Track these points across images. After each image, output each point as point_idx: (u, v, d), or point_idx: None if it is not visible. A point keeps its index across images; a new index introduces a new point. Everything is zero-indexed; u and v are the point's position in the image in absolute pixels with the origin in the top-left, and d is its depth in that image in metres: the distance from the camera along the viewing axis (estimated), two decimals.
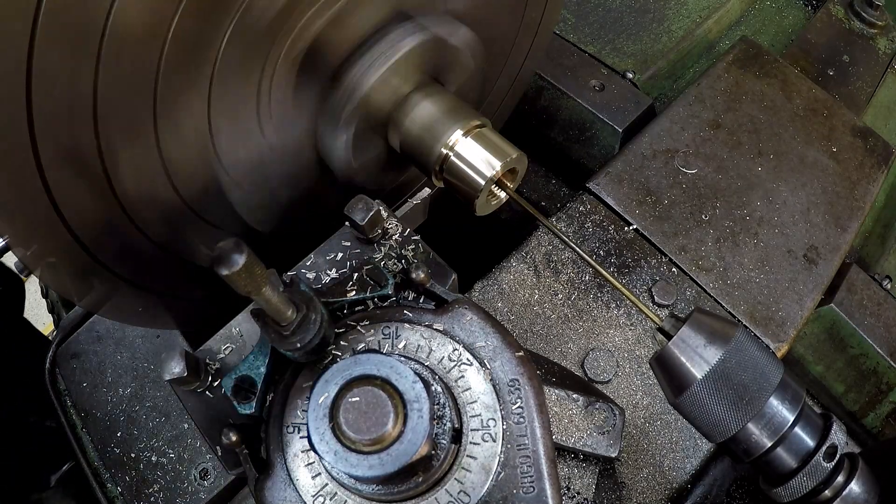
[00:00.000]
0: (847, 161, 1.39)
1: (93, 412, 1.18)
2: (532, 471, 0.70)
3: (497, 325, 0.77)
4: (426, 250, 0.88)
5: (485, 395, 0.73)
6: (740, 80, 1.46)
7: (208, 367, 0.83)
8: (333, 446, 0.61)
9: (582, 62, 1.53)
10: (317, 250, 0.88)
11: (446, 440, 0.69)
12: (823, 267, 1.26)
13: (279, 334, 0.66)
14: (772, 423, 0.77)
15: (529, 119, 1.54)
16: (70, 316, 1.27)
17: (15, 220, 0.72)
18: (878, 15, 1.84)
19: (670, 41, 1.64)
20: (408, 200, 1.20)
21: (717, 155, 1.35)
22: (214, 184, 0.91)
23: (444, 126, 0.94)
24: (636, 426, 1.10)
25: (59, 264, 0.81)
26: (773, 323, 1.19)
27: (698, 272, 1.22)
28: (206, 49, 0.76)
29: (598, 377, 1.13)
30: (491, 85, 1.26)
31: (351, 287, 0.80)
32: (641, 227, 1.26)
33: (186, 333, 1.21)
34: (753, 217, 1.29)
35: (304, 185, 1.03)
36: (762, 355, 0.77)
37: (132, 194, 0.82)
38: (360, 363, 0.64)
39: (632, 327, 1.17)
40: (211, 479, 1.09)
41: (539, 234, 1.26)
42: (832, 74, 1.71)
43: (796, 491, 0.79)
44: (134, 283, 0.93)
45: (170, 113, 0.78)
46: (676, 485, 1.07)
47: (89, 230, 0.80)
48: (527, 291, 1.20)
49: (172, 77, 0.74)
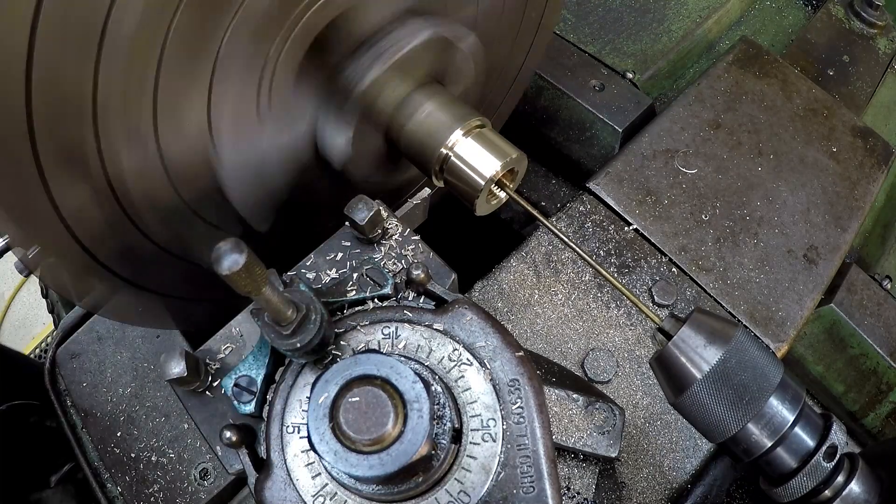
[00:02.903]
0: (847, 161, 1.39)
1: (93, 412, 1.18)
2: (532, 471, 0.70)
3: (497, 325, 0.77)
4: (426, 250, 0.88)
5: (485, 395, 0.73)
6: (740, 80, 1.46)
7: (208, 367, 0.83)
8: (333, 446, 0.61)
9: (582, 62, 1.53)
10: (317, 250, 0.88)
11: (446, 440, 0.69)
12: (823, 267, 1.26)
13: (279, 334, 0.66)
14: (772, 423, 0.77)
15: (529, 119, 1.54)
16: (70, 316, 1.27)
17: (15, 220, 0.72)
18: (878, 15, 1.84)
19: (670, 41, 1.64)
20: (408, 200, 1.20)
21: (717, 155, 1.35)
22: (215, 184, 0.91)
23: (444, 126, 0.94)
24: (636, 426, 1.10)
25: (59, 264, 0.81)
26: (773, 323, 1.19)
27: (698, 272, 1.22)
28: (206, 46, 0.76)
29: (598, 377, 1.13)
30: (491, 85, 1.26)
31: (351, 287, 0.80)
32: (641, 227, 1.26)
33: (186, 333, 1.21)
34: (753, 217, 1.29)
35: (305, 184, 1.03)
36: (762, 355, 0.77)
37: (132, 194, 0.82)
38: (360, 363, 0.64)
39: (632, 327, 1.17)
40: (211, 479, 1.09)
41: (539, 234, 1.26)
42: (832, 74, 1.71)
43: (796, 491, 0.79)
44: (134, 283, 0.93)
45: (170, 112, 0.78)
46: (676, 485, 1.07)
47: (89, 230, 0.80)
48: (527, 291, 1.20)
49: (173, 76, 0.74)
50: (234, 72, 0.80)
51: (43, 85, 0.64)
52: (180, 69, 0.75)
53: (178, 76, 0.75)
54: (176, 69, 0.74)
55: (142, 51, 0.71)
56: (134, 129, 0.76)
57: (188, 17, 0.71)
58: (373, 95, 0.92)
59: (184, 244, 0.96)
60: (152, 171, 0.82)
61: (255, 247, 0.59)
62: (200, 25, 0.73)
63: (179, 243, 0.95)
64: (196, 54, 0.76)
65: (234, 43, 0.77)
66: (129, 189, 0.81)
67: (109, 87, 0.70)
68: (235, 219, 0.99)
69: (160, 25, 0.70)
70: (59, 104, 0.67)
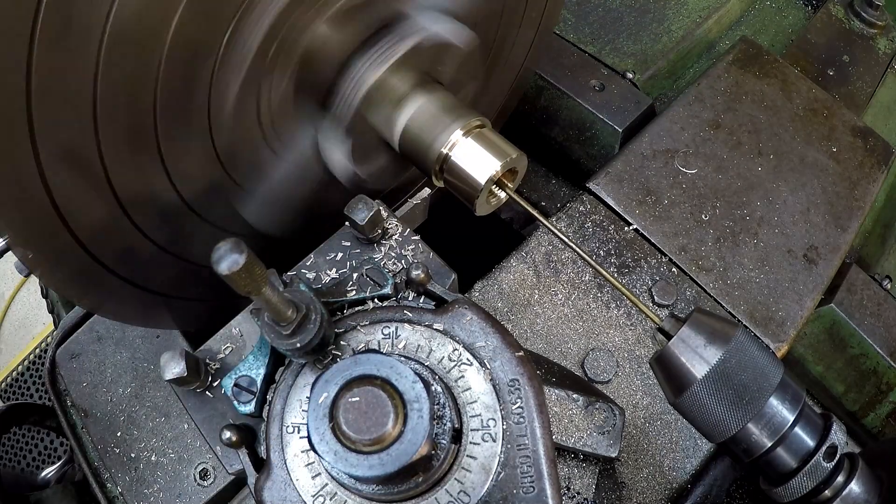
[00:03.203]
0: (847, 161, 1.39)
1: (93, 412, 1.18)
2: (532, 471, 0.70)
3: (497, 325, 0.77)
4: (426, 250, 0.88)
5: (485, 395, 0.73)
6: (740, 80, 1.46)
7: (208, 367, 0.83)
8: (333, 446, 0.61)
9: (582, 62, 1.53)
10: (317, 250, 0.88)
11: (446, 440, 0.69)
12: (823, 267, 1.26)
13: (279, 334, 0.66)
14: (772, 423, 0.77)
15: (529, 119, 1.54)
16: (70, 316, 1.27)
17: (15, 220, 0.72)
18: (878, 15, 1.84)
19: (670, 41, 1.64)
20: (408, 200, 1.20)
21: (717, 155, 1.35)
22: (215, 184, 0.91)
23: (443, 126, 0.94)
24: (636, 426, 1.10)
25: (59, 264, 0.81)
26: (773, 323, 1.19)
27: (698, 272, 1.22)
28: (206, 49, 0.76)
29: (598, 377, 1.13)
30: (491, 85, 1.26)
31: (351, 287, 0.80)
32: (641, 227, 1.26)
33: (186, 333, 1.21)
34: (753, 217, 1.29)
35: (306, 183, 1.03)
36: (762, 355, 0.77)
37: (132, 194, 0.82)
38: (360, 363, 0.64)
39: (632, 327, 1.17)
40: (211, 479, 1.09)
41: (539, 234, 1.26)
42: (832, 74, 1.71)
43: (796, 491, 0.79)
44: (134, 283, 0.93)
45: (170, 113, 0.78)
46: (676, 485, 1.07)
47: (89, 230, 0.80)
48: (527, 291, 1.20)
49: (173, 77, 0.74)
50: (233, 76, 0.80)
51: (43, 85, 0.64)
52: (180, 73, 0.75)
53: (178, 79, 0.75)
54: (175, 73, 0.74)
55: (142, 53, 0.71)
56: (134, 129, 0.76)
57: (187, 23, 0.71)
58: (370, 97, 0.92)
59: (184, 244, 0.96)
60: (152, 172, 0.82)
61: (255, 247, 0.59)
62: (199, 31, 0.73)
63: (179, 243, 0.96)
64: (195, 59, 0.76)
65: (232, 48, 0.78)
66: (128, 189, 0.81)
67: (110, 87, 0.70)
68: (236, 219, 0.99)
69: (160, 29, 0.70)
70: (60, 104, 0.67)
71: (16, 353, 3.40)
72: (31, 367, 3.22)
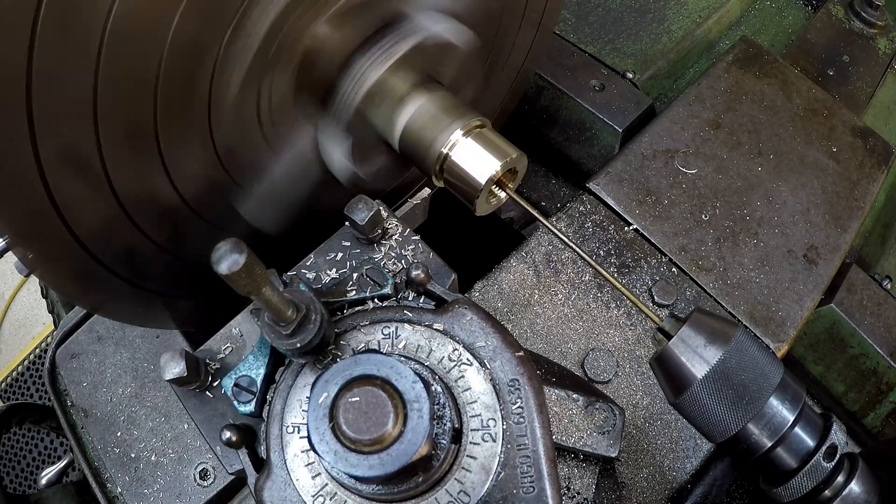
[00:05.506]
0: (847, 161, 1.39)
1: (93, 412, 1.18)
2: (532, 471, 0.70)
3: (497, 325, 0.77)
4: (426, 250, 0.88)
5: (485, 395, 0.73)
6: (740, 80, 1.46)
7: (208, 367, 0.83)
8: (333, 446, 0.61)
9: (582, 62, 1.53)
10: (317, 250, 0.88)
11: (446, 440, 0.69)
12: (823, 267, 1.26)
13: (279, 334, 0.66)
14: (772, 423, 0.77)
15: (529, 119, 1.54)
16: (70, 316, 1.27)
17: (15, 220, 0.72)
18: (878, 15, 1.84)
19: (670, 41, 1.64)
20: (408, 200, 1.20)
21: (717, 155, 1.35)
22: (215, 183, 0.91)
23: (443, 126, 0.94)
24: (636, 426, 1.10)
25: (59, 264, 0.81)
26: (773, 323, 1.19)
27: (698, 272, 1.22)
28: (206, 48, 0.76)
29: (598, 377, 1.13)
30: (491, 85, 1.26)
31: (351, 287, 0.80)
32: (641, 227, 1.26)
33: (186, 333, 1.21)
34: (753, 217, 1.29)
35: (306, 183, 1.03)
36: (762, 355, 0.77)
37: (132, 194, 0.82)
38: (360, 363, 0.64)
39: (632, 327, 1.17)
40: (211, 479, 1.09)
41: (539, 234, 1.26)
42: (832, 74, 1.71)
43: (796, 491, 0.79)
44: (134, 283, 0.93)
45: (170, 112, 0.78)
46: (676, 485, 1.07)
47: (89, 230, 0.80)
48: (527, 291, 1.20)
49: (173, 77, 0.74)
50: (233, 76, 0.80)
51: (43, 85, 0.64)
52: (180, 72, 0.75)
53: (178, 79, 0.75)
54: (175, 72, 0.74)
55: (142, 53, 0.71)
56: (134, 129, 0.76)
57: (187, 23, 0.71)
58: (370, 97, 0.92)
59: (184, 244, 0.96)
60: (152, 172, 0.82)
61: (256, 247, 0.59)
62: (199, 31, 0.73)
63: (179, 243, 0.95)
64: (195, 58, 0.76)
65: (232, 49, 0.78)
66: (128, 189, 0.81)
67: (110, 87, 0.70)
68: (236, 219, 0.99)
69: (160, 29, 0.70)
70: (60, 104, 0.67)
71: (16, 353, 3.40)
72: (31, 367, 3.22)
